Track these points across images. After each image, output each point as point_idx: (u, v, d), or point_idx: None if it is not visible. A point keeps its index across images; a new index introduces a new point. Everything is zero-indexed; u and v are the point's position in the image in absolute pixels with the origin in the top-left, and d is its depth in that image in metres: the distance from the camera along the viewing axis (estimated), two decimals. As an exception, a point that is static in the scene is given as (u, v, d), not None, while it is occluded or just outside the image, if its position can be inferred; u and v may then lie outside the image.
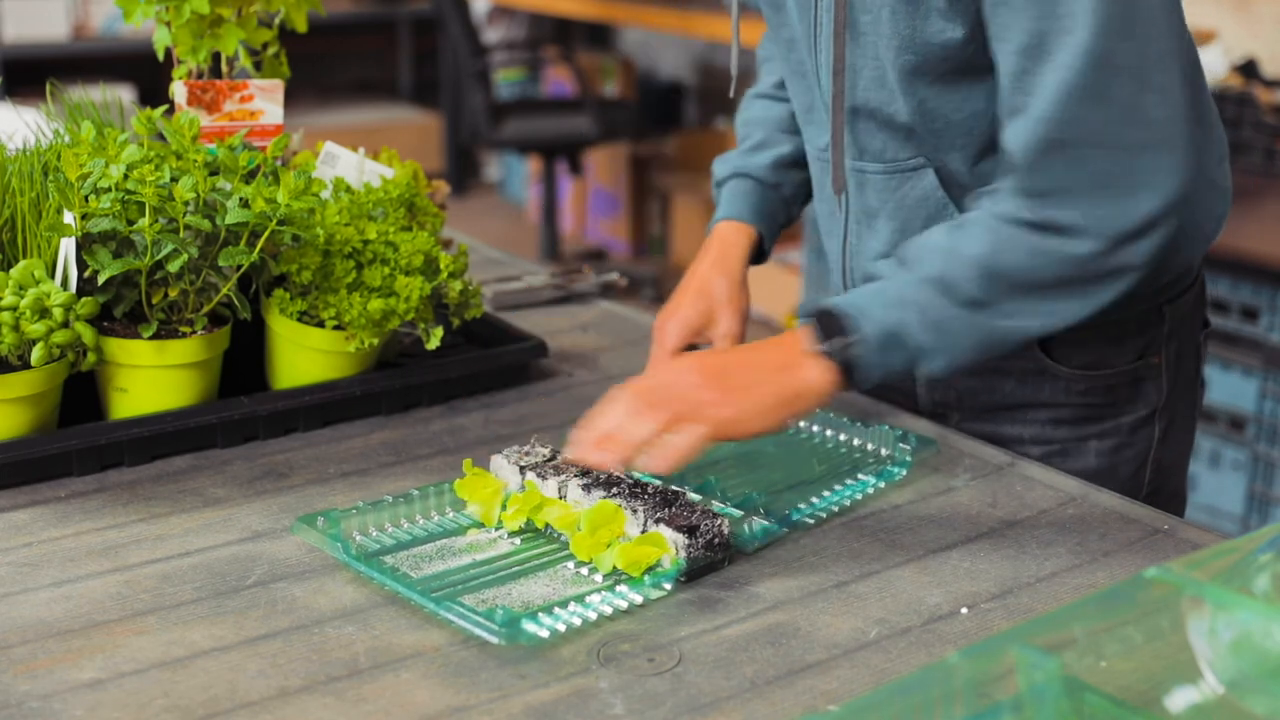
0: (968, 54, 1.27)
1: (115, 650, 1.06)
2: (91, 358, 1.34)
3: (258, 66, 1.62)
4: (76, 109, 1.58)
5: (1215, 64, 3.73)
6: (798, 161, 1.60)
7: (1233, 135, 3.41)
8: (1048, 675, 0.81)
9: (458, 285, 1.51)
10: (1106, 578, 1.19)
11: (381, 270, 1.44)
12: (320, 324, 1.43)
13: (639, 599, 1.14)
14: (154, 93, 5.42)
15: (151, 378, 1.37)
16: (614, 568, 1.16)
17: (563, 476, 1.26)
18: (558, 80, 6.21)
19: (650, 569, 1.16)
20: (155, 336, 1.36)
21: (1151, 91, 1.19)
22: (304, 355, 1.45)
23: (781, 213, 1.61)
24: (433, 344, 1.47)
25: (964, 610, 1.14)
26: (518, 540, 1.23)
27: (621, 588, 1.14)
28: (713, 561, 1.19)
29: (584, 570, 1.17)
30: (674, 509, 1.20)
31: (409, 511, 1.25)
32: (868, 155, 1.39)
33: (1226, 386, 3.00)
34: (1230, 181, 1.41)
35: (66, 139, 1.49)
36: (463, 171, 6.51)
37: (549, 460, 1.29)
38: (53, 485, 1.32)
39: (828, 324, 1.23)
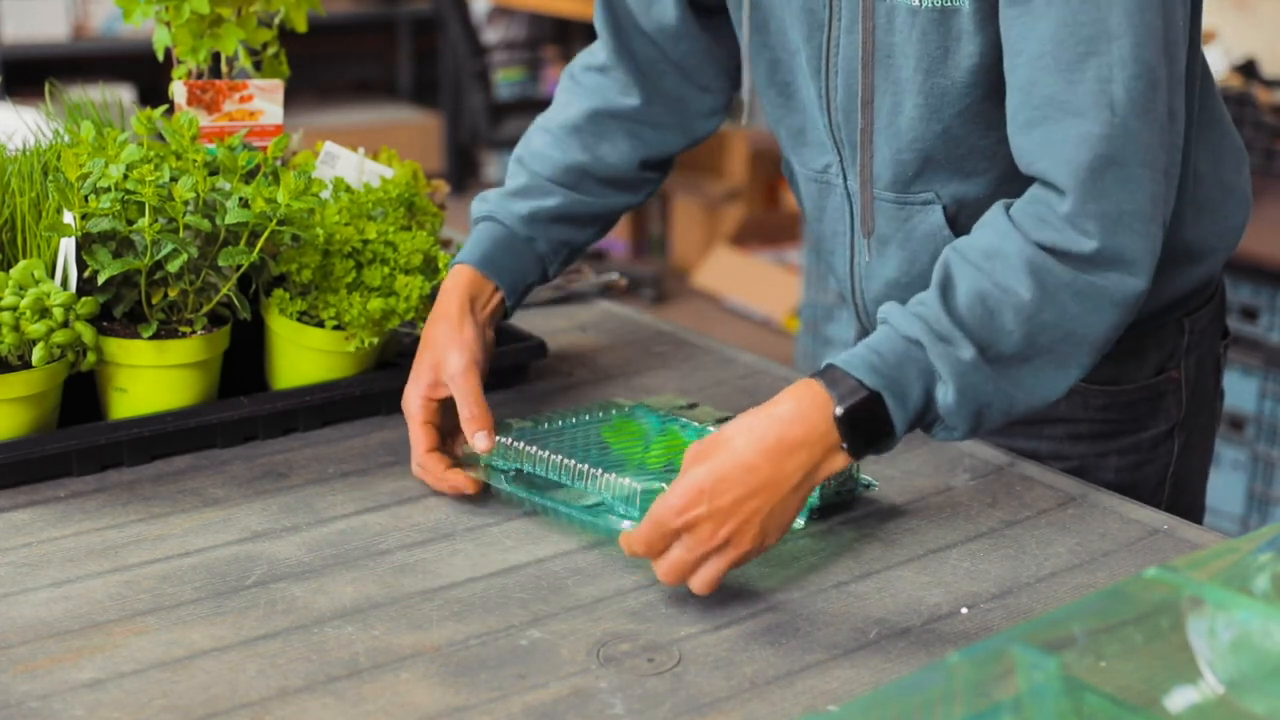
0: (997, 76, 1.21)
1: (114, 650, 1.06)
2: (91, 358, 1.34)
3: (258, 66, 1.62)
4: (76, 109, 1.58)
5: (1215, 64, 3.73)
6: (561, 217, 1.47)
7: (1232, 136, 3.41)
8: (1048, 675, 0.81)
9: (457, 285, 1.51)
10: (1106, 578, 1.19)
11: (381, 270, 1.44)
12: (320, 324, 1.43)
13: None
14: (154, 93, 5.41)
15: (151, 378, 1.37)
16: None
17: (701, 424, 1.35)
18: (557, 80, 6.21)
19: None
20: (155, 336, 1.36)
21: (1173, 118, 1.15)
22: (304, 355, 1.45)
23: (532, 269, 1.47)
24: (432, 344, 1.47)
25: (964, 610, 1.14)
26: (663, 485, 1.27)
27: None
28: (841, 497, 1.29)
29: None
30: None
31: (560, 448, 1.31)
32: (879, 184, 1.32)
33: (1226, 386, 2.99)
34: (1250, 187, 1.37)
35: (66, 139, 1.49)
36: (463, 171, 6.51)
37: (687, 408, 1.40)
38: (52, 485, 1.32)
39: (866, 426, 1.12)
